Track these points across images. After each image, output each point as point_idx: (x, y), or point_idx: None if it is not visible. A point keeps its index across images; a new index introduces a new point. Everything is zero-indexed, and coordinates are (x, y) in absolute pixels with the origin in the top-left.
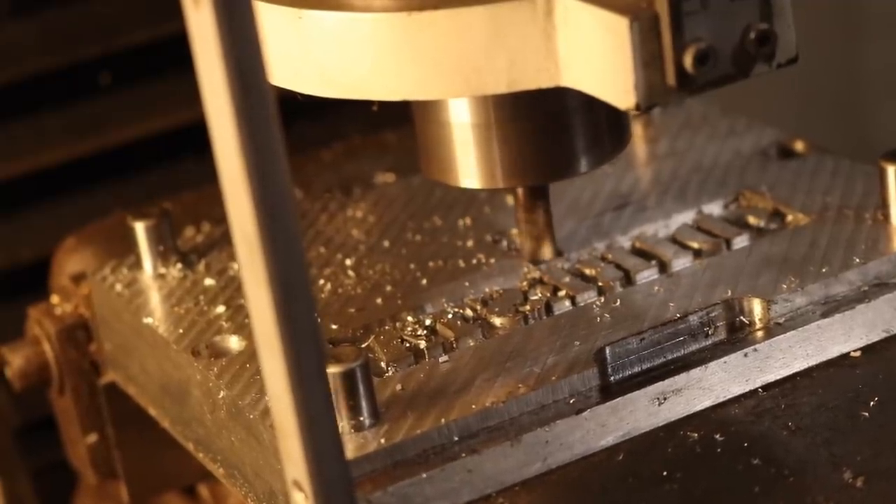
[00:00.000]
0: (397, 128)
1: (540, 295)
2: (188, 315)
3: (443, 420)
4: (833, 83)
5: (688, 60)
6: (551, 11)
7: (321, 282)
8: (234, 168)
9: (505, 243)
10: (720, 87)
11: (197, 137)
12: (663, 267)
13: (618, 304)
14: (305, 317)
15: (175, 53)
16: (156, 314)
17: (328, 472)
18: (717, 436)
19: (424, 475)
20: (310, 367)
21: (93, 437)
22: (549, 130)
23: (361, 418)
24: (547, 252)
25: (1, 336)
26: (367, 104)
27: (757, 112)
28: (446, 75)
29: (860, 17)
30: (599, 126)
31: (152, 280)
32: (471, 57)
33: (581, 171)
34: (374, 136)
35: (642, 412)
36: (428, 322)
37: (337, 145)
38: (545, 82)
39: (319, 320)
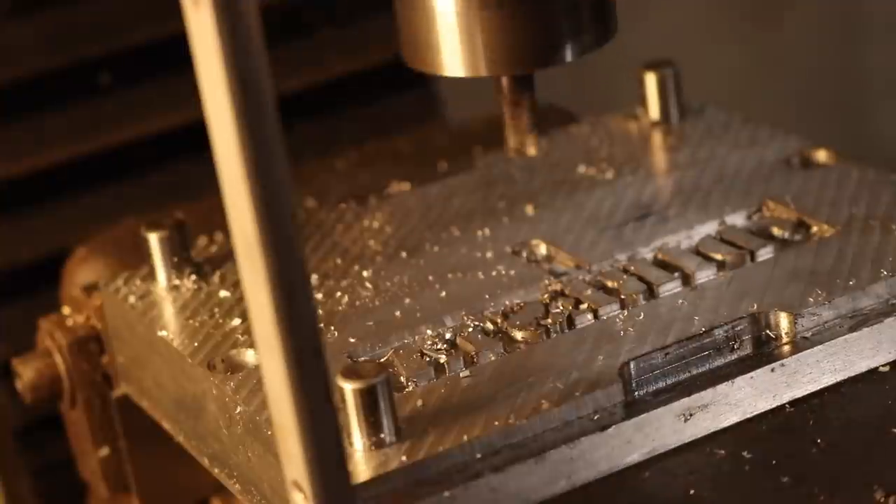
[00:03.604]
0: (399, 130)
1: (562, 308)
2: (203, 328)
3: (465, 437)
4: (833, 83)
5: None
6: None
7: (338, 294)
8: (234, 168)
9: (525, 255)
10: None
11: (197, 137)
12: (687, 279)
13: (641, 317)
14: (305, 316)
15: (175, 53)
16: (170, 327)
17: (328, 473)
18: (745, 453)
19: (447, 494)
20: (309, 367)
21: (105, 451)
22: (533, 17)
23: (382, 435)
24: (531, 148)
25: (2, 337)
26: (365, 105)
27: (757, 112)
28: None
29: (860, 18)
30: (585, 13)
31: (166, 292)
32: None
33: (567, 59)
34: (388, 144)
35: (668, 428)
36: (448, 335)
37: (350, 153)
38: None
39: (337, 333)
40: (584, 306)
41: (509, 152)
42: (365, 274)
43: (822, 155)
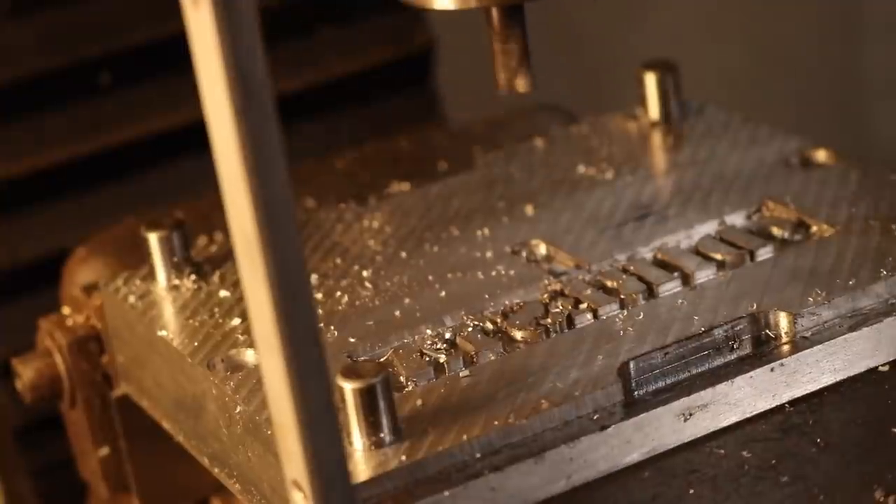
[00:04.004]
0: (399, 130)
1: (561, 308)
2: (203, 328)
3: (465, 437)
4: (833, 83)
5: None
6: None
7: (338, 294)
8: (234, 168)
9: (524, 254)
10: None
11: (197, 137)
12: (686, 279)
13: (641, 317)
14: (305, 316)
15: (175, 53)
16: (170, 326)
17: (327, 472)
18: (745, 452)
19: (447, 493)
20: (309, 366)
21: (105, 451)
22: None
23: (382, 435)
24: (521, 84)
25: (2, 337)
26: (365, 105)
27: (757, 112)
28: None
29: (860, 18)
30: None
31: (166, 292)
32: None
33: None
34: (388, 144)
35: (667, 428)
36: (448, 335)
37: (350, 153)
38: None
39: (336, 333)
40: (583, 306)
41: (499, 89)
42: (364, 274)
43: (821, 155)
